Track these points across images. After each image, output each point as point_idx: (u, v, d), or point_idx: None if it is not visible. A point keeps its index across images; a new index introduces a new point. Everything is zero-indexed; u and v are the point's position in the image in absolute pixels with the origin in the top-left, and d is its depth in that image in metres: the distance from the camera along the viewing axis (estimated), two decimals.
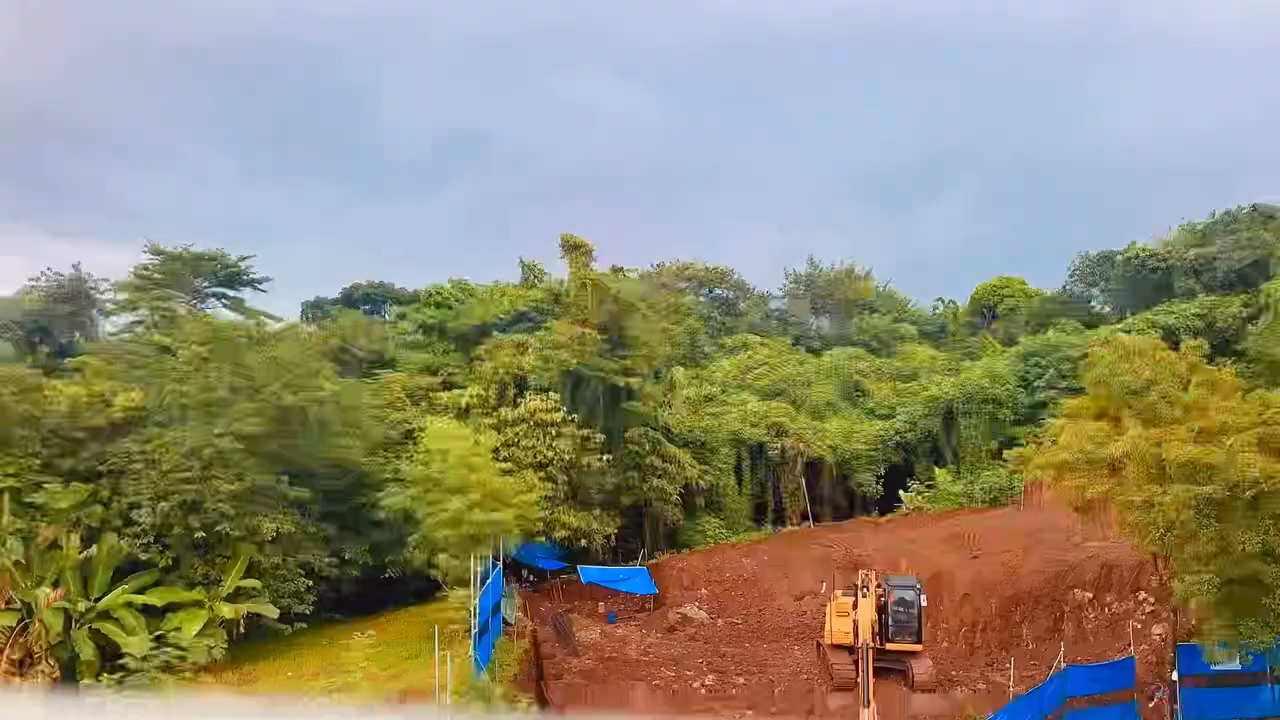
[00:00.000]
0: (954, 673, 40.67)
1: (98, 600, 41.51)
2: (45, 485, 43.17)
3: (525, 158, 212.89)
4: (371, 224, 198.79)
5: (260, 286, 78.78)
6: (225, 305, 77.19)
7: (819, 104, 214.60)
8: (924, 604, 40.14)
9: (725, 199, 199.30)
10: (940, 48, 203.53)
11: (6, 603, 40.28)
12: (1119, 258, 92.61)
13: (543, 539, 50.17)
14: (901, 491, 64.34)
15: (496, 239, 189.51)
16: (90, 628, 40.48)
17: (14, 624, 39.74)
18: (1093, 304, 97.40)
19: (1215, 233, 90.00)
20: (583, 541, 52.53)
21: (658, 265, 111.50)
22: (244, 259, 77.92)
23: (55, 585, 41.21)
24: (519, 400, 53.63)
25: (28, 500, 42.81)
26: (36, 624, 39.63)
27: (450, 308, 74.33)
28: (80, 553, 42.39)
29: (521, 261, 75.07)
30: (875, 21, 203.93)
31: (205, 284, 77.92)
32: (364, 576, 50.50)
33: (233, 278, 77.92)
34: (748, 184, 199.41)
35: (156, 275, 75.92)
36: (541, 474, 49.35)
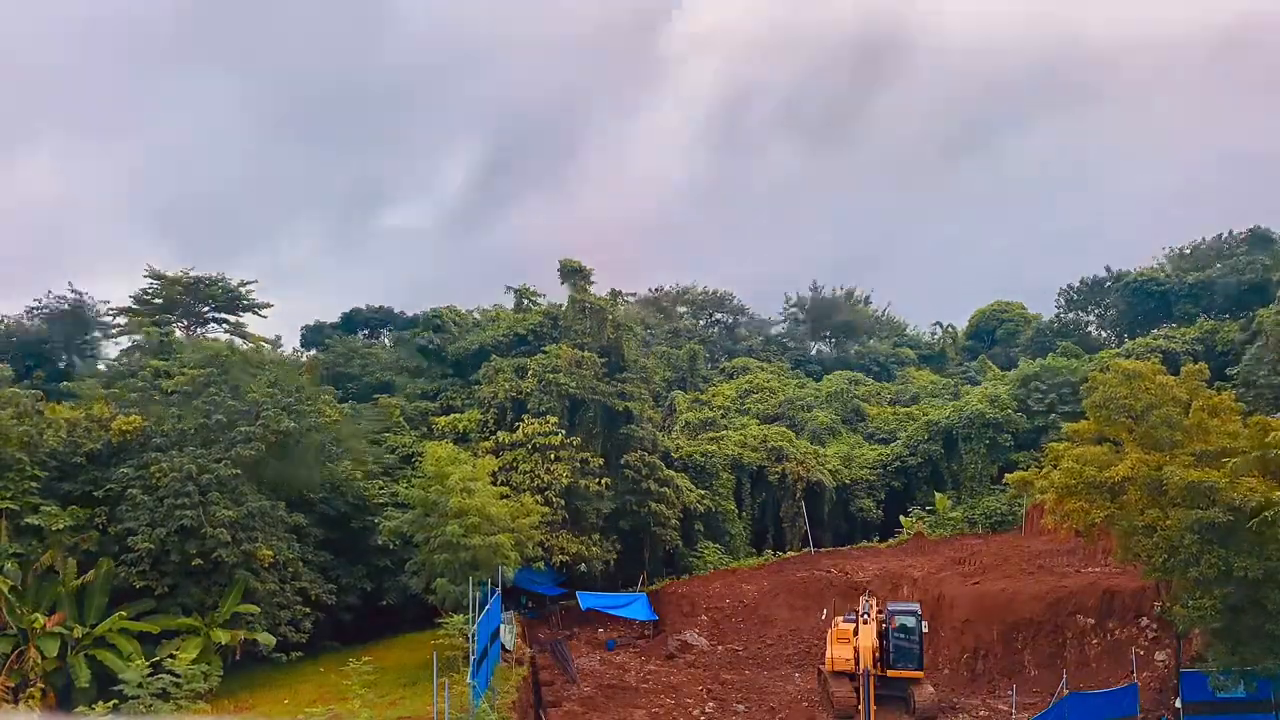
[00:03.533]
0: (955, 700, 40.38)
1: (94, 626, 41.28)
2: (42, 509, 43.01)
3: None
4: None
5: (261, 311, 79.03)
6: (226, 329, 77.40)
7: None
8: (925, 630, 39.92)
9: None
10: None
11: (2, 628, 40.06)
12: (1112, 283, 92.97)
13: (541, 564, 49.99)
14: (902, 517, 64.10)
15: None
16: (86, 654, 40.27)
17: (9, 650, 39.54)
18: (1089, 329, 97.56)
19: (1211, 256, 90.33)
20: (581, 567, 52.33)
21: (657, 289, 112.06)
22: (245, 284, 78.22)
23: (52, 611, 41.03)
24: (517, 424, 53.54)
25: (25, 524, 42.67)
26: (32, 650, 39.42)
27: (449, 331, 74.33)
28: (77, 578, 42.22)
29: (510, 288, 75.05)
30: None
31: (205, 308, 78.13)
32: (361, 603, 50.33)
33: (233, 302, 78.11)
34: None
35: (156, 299, 76.20)
36: (539, 498, 49.20)
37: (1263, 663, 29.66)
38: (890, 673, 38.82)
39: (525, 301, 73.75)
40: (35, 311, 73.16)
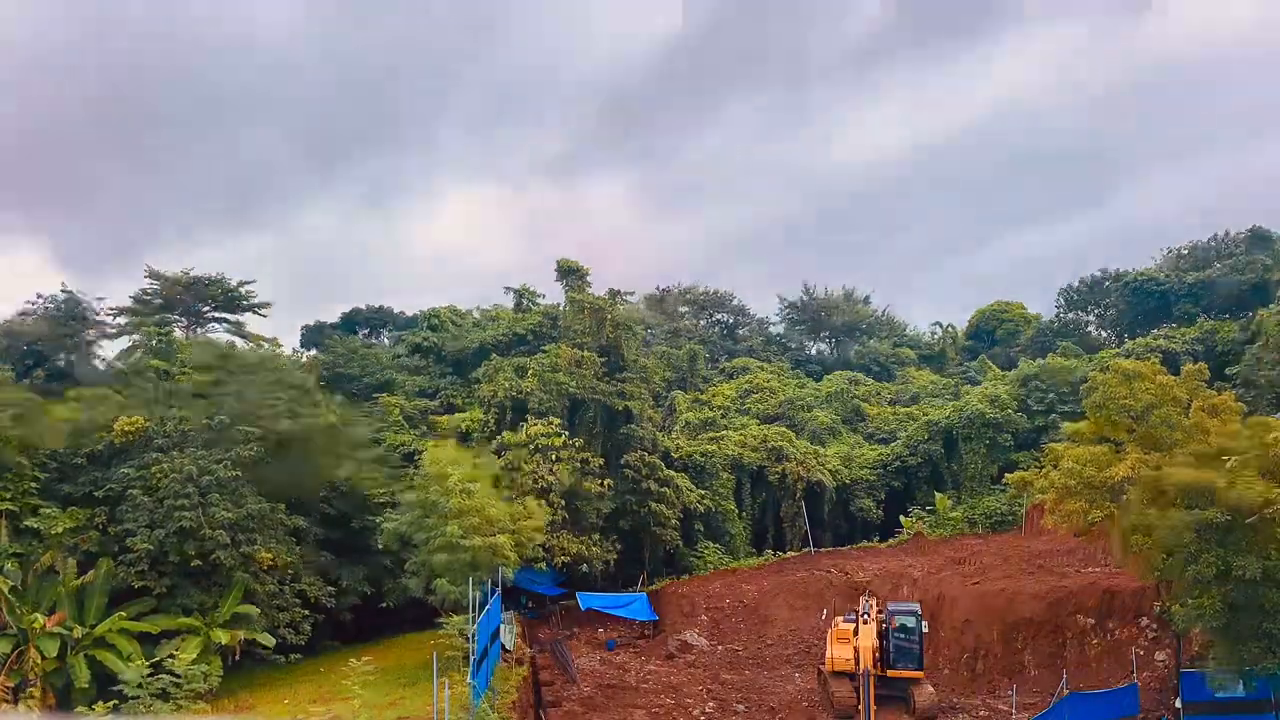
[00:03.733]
0: (955, 700, 40.38)
1: (94, 627, 41.29)
2: (43, 510, 43.03)
3: None
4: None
5: (261, 311, 78.98)
6: (225, 329, 77.37)
7: None
8: (925, 630, 39.94)
9: None
10: None
11: (2, 628, 40.07)
12: (1112, 283, 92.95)
13: (542, 564, 49.97)
14: (902, 517, 64.08)
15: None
16: (86, 654, 40.28)
17: (9, 650, 39.55)
18: (1088, 329, 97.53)
19: (1210, 256, 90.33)
20: (582, 567, 52.32)
21: (659, 289, 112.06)
22: (244, 284, 78.16)
23: (51, 611, 41.03)
24: (519, 424, 53.51)
25: (25, 525, 42.67)
26: (32, 650, 39.42)
27: (447, 330, 74.38)
28: (77, 578, 42.22)
29: (511, 288, 75.19)
30: None
31: (205, 308, 78.09)
32: (362, 603, 50.30)
33: (233, 302, 78.07)
34: None
35: (156, 299, 76.17)
36: (541, 499, 49.17)
37: (1262, 662, 29.65)
38: (890, 673, 38.84)
39: (525, 301, 73.80)
40: (32, 310, 73.09)
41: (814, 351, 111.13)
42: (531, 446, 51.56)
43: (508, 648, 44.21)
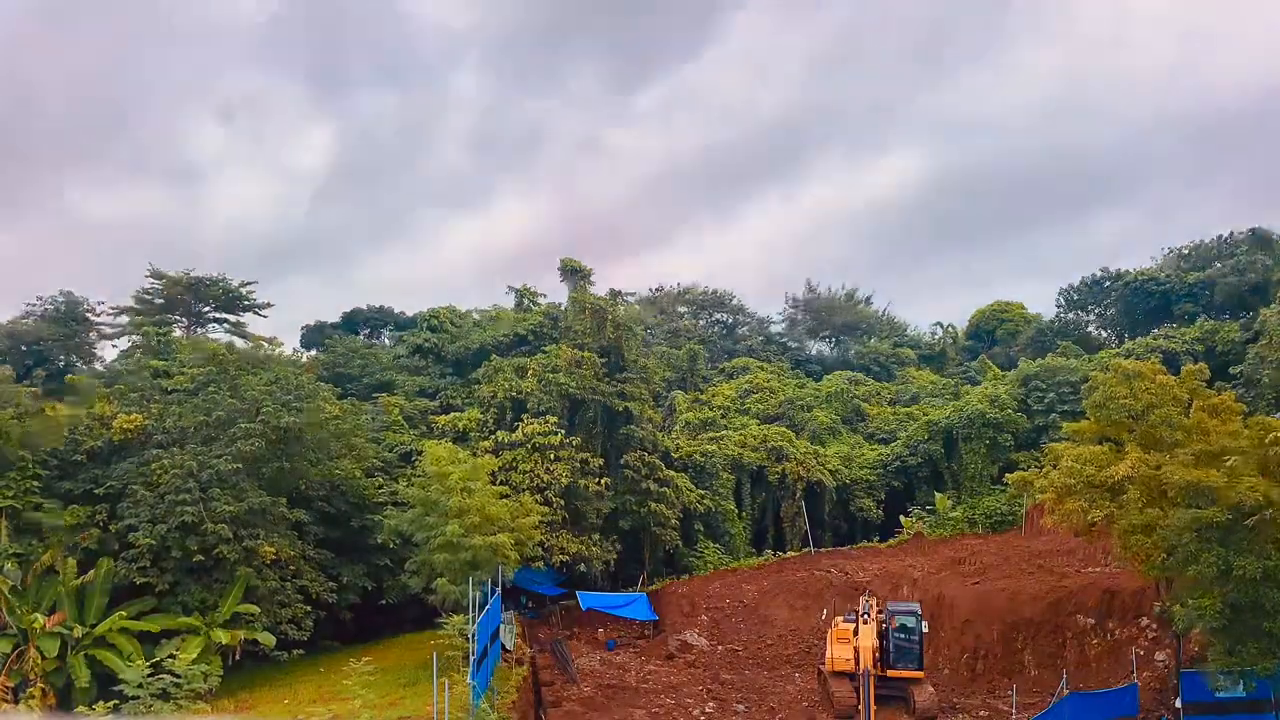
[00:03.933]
0: (955, 700, 40.38)
1: (94, 626, 41.31)
2: (43, 507, 43.06)
3: None
4: None
5: (261, 311, 79.20)
6: (226, 329, 77.58)
7: None
8: (925, 630, 39.92)
9: None
10: None
11: (2, 628, 40.11)
12: (1112, 282, 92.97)
13: (541, 564, 49.98)
14: (902, 517, 64.07)
15: None
16: (86, 654, 40.31)
17: (10, 650, 39.59)
18: (1088, 329, 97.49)
19: (1212, 256, 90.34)
20: (581, 567, 52.32)
21: (657, 289, 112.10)
22: (245, 284, 78.37)
23: (52, 611, 41.07)
24: (517, 424, 53.53)
25: (25, 523, 42.71)
26: (32, 650, 39.46)
27: (447, 331, 74.46)
28: (77, 578, 42.24)
29: (512, 288, 75.25)
30: None
31: (206, 308, 78.30)
32: (361, 603, 50.34)
33: (234, 302, 78.26)
34: None
35: (156, 300, 76.34)
36: (539, 498, 49.19)
37: (1262, 662, 29.65)
38: (890, 673, 38.82)
39: (525, 301, 73.86)
40: (32, 310, 73.24)
41: (814, 351, 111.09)
42: (529, 445, 51.58)
43: (508, 648, 44.22)
